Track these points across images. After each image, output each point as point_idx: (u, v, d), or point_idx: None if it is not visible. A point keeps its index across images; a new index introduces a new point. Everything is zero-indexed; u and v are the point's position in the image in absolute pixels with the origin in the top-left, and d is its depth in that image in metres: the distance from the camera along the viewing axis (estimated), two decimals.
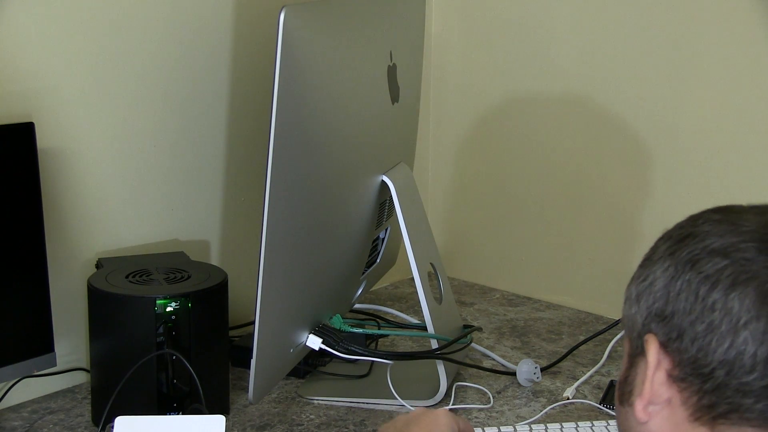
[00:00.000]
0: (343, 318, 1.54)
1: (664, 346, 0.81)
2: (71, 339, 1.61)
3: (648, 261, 0.86)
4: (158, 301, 1.41)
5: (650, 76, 1.89)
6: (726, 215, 0.83)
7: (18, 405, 1.55)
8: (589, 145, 2.00)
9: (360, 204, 1.54)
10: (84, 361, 1.62)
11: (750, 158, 1.80)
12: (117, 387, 1.38)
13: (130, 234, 1.69)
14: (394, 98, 1.61)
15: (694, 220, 0.85)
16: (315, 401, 1.58)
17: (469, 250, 2.23)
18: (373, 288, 2.00)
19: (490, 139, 2.16)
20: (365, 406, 1.57)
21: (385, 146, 1.64)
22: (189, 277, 1.49)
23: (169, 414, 1.43)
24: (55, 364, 1.50)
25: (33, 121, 1.45)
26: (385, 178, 1.56)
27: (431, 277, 1.64)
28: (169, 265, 1.54)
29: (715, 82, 1.81)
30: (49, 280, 1.47)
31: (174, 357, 1.41)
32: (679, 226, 0.86)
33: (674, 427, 0.81)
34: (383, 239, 1.75)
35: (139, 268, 1.52)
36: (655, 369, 0.81)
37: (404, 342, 1.83)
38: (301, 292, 1.42)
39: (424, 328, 1.58)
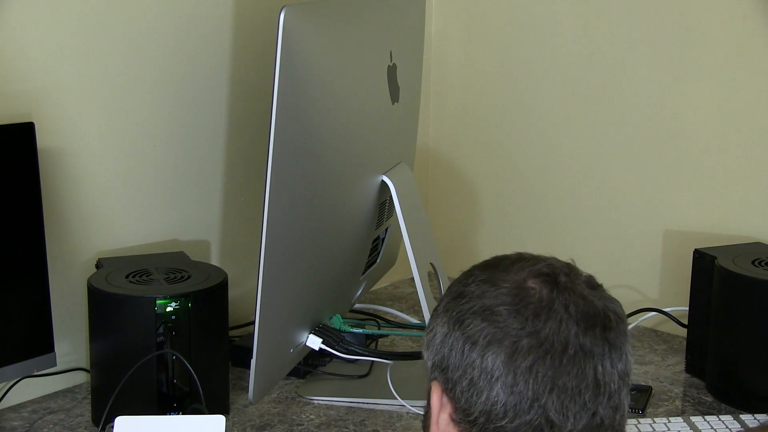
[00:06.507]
0: (343, 318, 1.54)
1: (445, 393, 0.92)
2: (71, 339, 1.61)
3: (435, 312, 0.97)
4: (158, 301, 1.41)
5: (651, 75, 1.89)
6: (491, 274, 0.95)
7: (18, 405, 1.55)
8: (590, 144, 2.00)
9: (360, 204, 1.54)
10: (84, 361, 1.62)
11: (751, 159, 1.80)
12: (117, 387, 1.38)
13: (130, 234, 1.69)
14: (394, 98, 1.61)
15: (466, 277, 0.96)
16: (315, 401, 1.58)
17: (469, 250, 2.23)
18: (373, 288, 2.00)
19: (490, 139, 2.16)
20: (365, 406, 1.57)
21: (385, 146, 1.64)
22: (189, 277, 1.49)
23: (169, 414, 1.43)
24: (55, 364, 1.50)
25: (33, 121, 1.45)
26: (385, 178, 1.56)
27: (431, 277, 1.64)
28: (169, 265, 1.54)
29: (718, 81, 1.81)
30: (49, 280, 1.47)
31: (174, 357, 1.41)
32: (457, 281, 0.97)
33: None
34: (383, 239, 1.75)
35: (139, 268, 1.52)
36: (438, 412, 0.93)
37: (404, 342, 1.83)
38: (301, 292, 1.42)
39: (424, 328, 1.58)
